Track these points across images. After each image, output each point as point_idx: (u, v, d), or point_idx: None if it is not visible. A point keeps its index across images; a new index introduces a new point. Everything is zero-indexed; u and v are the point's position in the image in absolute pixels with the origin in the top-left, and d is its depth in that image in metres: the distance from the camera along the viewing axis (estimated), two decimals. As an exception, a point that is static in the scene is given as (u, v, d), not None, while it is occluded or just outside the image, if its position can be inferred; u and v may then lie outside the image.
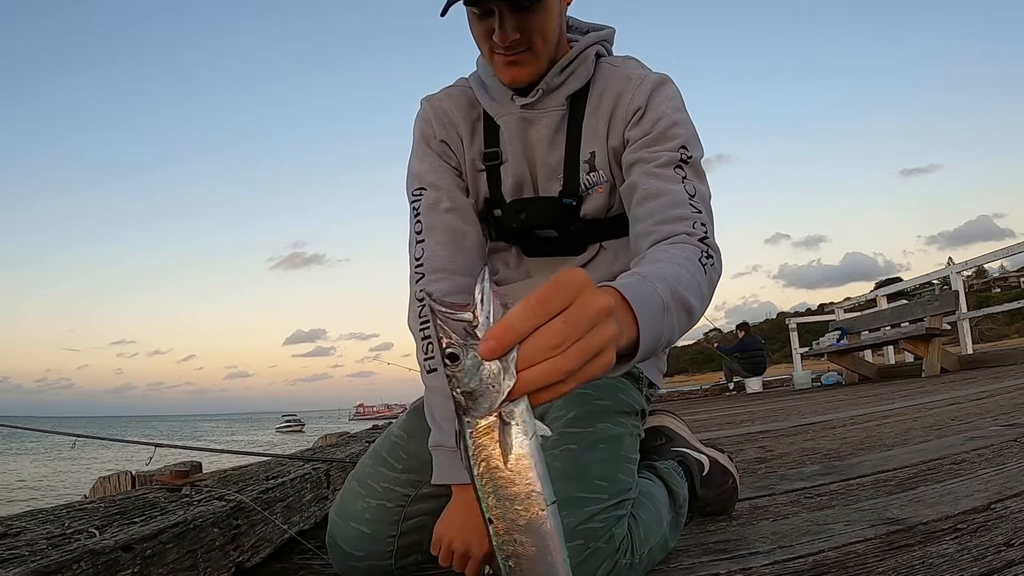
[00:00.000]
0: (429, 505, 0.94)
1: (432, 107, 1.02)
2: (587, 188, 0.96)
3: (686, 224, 0.79)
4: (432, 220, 0.97)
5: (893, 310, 6.71)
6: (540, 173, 0.97)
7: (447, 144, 1.01)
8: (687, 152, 0.87)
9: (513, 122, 0.96)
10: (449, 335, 0.43)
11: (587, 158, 0.95)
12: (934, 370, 5.32)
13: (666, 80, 0.95)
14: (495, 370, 0.42)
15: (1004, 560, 0.82)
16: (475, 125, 1.01)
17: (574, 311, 0.43)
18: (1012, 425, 1.95)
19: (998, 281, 48.69)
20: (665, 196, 0.83)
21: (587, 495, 0.79)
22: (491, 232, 1.05)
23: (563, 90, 0.95)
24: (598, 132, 0.95)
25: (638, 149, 0.90)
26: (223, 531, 0.93)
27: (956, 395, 3.21)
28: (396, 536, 0.93)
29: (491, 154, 0.99)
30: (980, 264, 14.13)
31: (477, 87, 1.00)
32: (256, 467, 1.42)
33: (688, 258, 0.72)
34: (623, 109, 0.93)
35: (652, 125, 0.90)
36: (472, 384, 0.43)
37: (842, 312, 8.14)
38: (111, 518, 0.83)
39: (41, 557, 0.63)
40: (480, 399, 0.43)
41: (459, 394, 0.43)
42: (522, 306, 0.43)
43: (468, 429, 0.44)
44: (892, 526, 1.02)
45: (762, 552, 0.96)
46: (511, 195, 0.99)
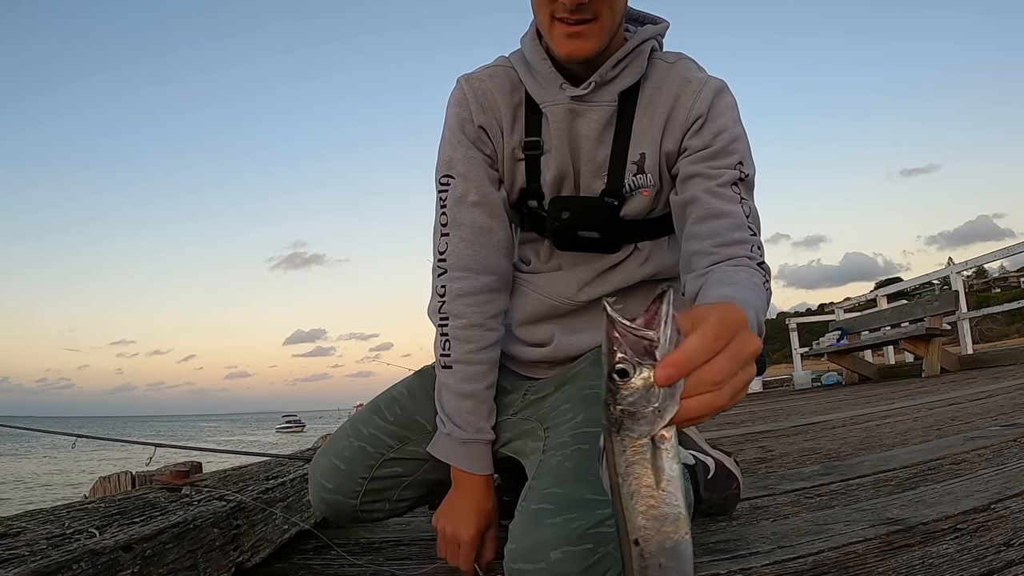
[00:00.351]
0: (409, 461, 0.98)
1: (471, 88, 0.97)
2: (631, 189, 0.94)
3: (745, 247, 0.82)
4: (459, 214, 0.95)
5: (893, 310, 6.70)
6: (584, 169, 0.94)
7: (484, 131, 0.97)
8: (744, 170, 0.87)
9: (561, 113, 0.92)
10: (625, 350, 0.43)
11: (636, 159, 0.92)
12: (934, 370, 5.31)
13: (725, 87, 0.92)
14: (663, 395, 0.42)
15: (1004, 560, 0.82)
16: (516, 111, 0.96)
17: (736, 350, 0.45)
18: (1012, 425, 1.95)
19: (998, 281, 48.70)
20: (727, 218, 0.83)
21: (598, 498, 0.78)
22: (524, 222, 1.03)
23: (616, 85, 0.91)
24: (651, 134, 0.92)
25: (698, 162, 0.88)
26: (223, 531, 0.93)
27: (956, 395, 3.20)
28: (367, 479, 0.97)
29: (532, 143, 0.95)
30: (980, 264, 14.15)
31: (522, 69, 0.95)
32: (256, 467, 1.42)
33: (757, 284, 0.75)
34: (682, 115, 0.90)
35: (713, 137, 0.88)
36: (637, 405, 0.42)
37: (842, 312, 8.14)
38: (111, 518, 0.83)
39: (41, 557, 0.63)
40: (641, 421, 0.43)
41: (618, 411, 0.43)
42: (700, 339, 0.44)
43: (621, 448, 0.43)
44: (892, 526, 1.02)
45: (762, 552, 0.96)
46: (550, 189, 0.96)
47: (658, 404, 0.42)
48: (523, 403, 1.01)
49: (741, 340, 0.46)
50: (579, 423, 0.88)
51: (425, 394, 1.01)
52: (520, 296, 1.03)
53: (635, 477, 0.43)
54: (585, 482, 0.80)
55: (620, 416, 0.43)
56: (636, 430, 0.43)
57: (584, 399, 0.91)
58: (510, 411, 1.00)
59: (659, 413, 0.42)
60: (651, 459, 0.43)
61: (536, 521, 0.76)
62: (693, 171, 0.88)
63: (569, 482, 0.80)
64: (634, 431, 0.43)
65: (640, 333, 0.43)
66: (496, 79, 0.97)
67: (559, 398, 0.95)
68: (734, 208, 0.84)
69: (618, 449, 0.43)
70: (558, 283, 1.00)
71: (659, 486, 0.43)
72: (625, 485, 0.43)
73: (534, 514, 0.77)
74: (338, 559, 1.11)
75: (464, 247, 0.95)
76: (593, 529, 0.75)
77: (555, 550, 0.73)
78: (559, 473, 0.81)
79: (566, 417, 0.90)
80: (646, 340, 0.43)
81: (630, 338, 0.43)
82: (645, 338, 0.43)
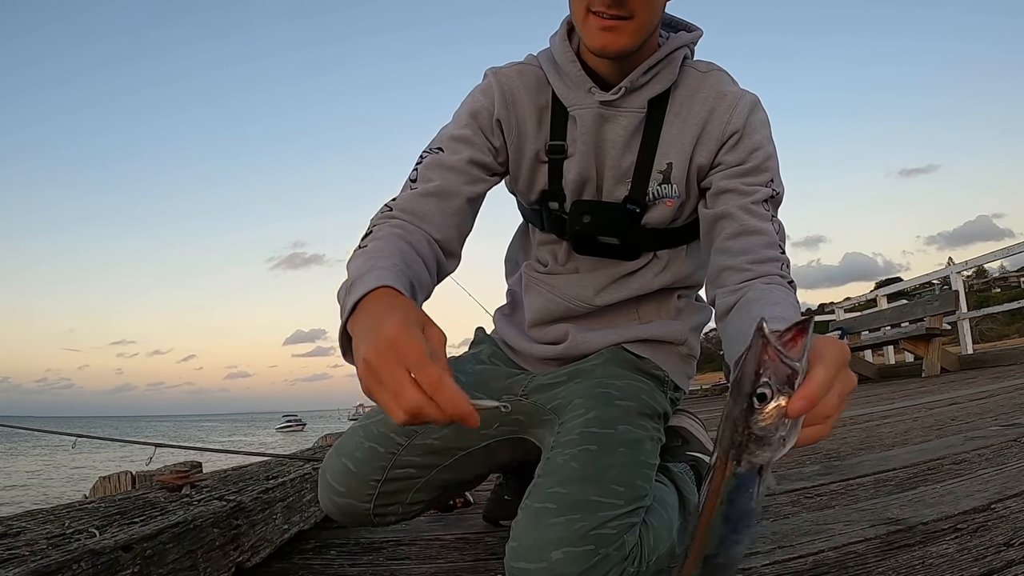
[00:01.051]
0: (420, 459, 0.95)
1: (499, 82, 0.94)
2: (654, 198, 0.92)
3: (776, 265, 0.83)
4: (430, 172, 0.90)
5: (893, 310, 6.70)
6: (608, 175, 0.93)
7: (500, 125, 0.94)
8: (775, 188, 0.88)
9: (590, 117, 0.90)
10: (771, 375, 0.43)
11: (662, 168, 0.91)
12: (934, 370, 5.31)
13: (758, 103, 0.91)
14: (790, 424, 0.43)
15: (1004, 560, 0.82)
16: (542, 113, 0.94)
17: (843, 388, 0.49)
18: (1012, 425, 1.95)
19: (998, 281, 48.71)
20: (760, 235, 0.84)
21: (603, 499, 0.78)
22: (543, 223, 1.02)
23: (646, 91, 0.89)
24: (682, 144, 0.90)
25: (732, 177, 0.88)
26: (223, 531, 0.93)
27: (956, 395, 3.20)
28: (380, 481, 0.93)
29: (556, 147, 0.93)
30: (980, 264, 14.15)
31: (550, 69, 0.93)
32: (256, 467, 1.42)
33: (794, 304, 0.77)
34: (718, 129, 0.89)
35: (749, 154, 0.88)
36: (768, 430, 0.43)
37: (842, 312, 8.14)
38: (111, 518, 0.83)
39: (41, 557, 0.63)
40: (766, 447, 0.43)
41: (747, 434, 0.43)
42: (825, 374, 0.46)
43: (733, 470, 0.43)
44: (892, 526, 1.02)
45: (762, 552, 0.96)
46: (572, 192, 0.94)
47: (785, 432, 0.43)
48: (531, 385, 0.99)
49: (846, 377, 0.49)
50: (589, 421, 0.87)
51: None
52: (535, 296, 1.03)
53: (735, 504, 0.43)
54: (590, 483, 0.80)
55: (746, 439, 0.43)
56: (760, 455, 0.43)
57: (596, 397, 0.90)
58: (518, 390, 0.99)
59: (783, 442, 0.43)
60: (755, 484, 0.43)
61: (539, 520, 0.76)
62: (727, 186, 0.88)
63: (574, 482, 0.79)
64: (757, 456, 0.43)
65: (788, 361, 0.43)
66: (524, 77, 0.95)
67: (572, 391, 0.94)
68: (766, 226, 0.85)
69: (730, 472, 0.43)
70: (574, 286, 1.00)
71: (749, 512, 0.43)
72: (723, 508, 0.43)
73: (537, 513, 0.77)
74: (338, 559, 1.11)
75: (422, 195, 0.87)
76: (595, 530, 0.75)
77: (556, 550, 0.73)
78: (564, 473, 0.81)
79: (577, 413, 0.89)
80: (791, 368, 0.43)
81: (779, 364, 0.43)
82: (791, 367, 0.43)
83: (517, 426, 0.97)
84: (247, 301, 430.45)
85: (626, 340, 0.98)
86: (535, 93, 0.94)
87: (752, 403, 0.42)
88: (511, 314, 1.11)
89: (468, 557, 1.08)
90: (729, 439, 0.43)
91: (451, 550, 1.08)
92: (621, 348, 0.98)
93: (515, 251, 1.13)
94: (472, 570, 1.02)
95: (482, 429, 0.96)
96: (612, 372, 0.94)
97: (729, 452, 0.43)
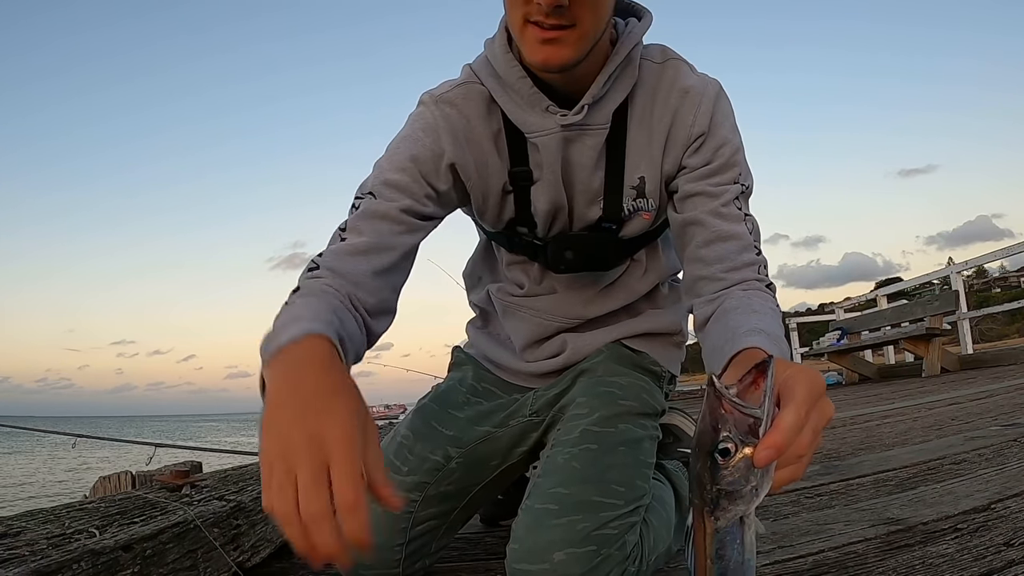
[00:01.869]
0: (436, 509, 0.92)
1: (445, 117, 0.82)
2: (630, 213, 0.87)
3: (752, 270, 0.79)
4: (362, 223, 0.78)
5: (893, 310, 6.70)
6: (579, 198, 0.86)
7: (455, 169, 0.82)
8: (744, 181, 0.83)
9: (553, 143, 0.81)
10: (729, 427, 0.42)
11: (634, 183, 0.85)
12: (934, 370, 5.31)
13: (720, 91, 0.84)
14: (760, 473, 0.41)
15: (1004, 560, 0.82)
16: (497, 139, 0.84)
17: (817, 423, 0.46)
18: (1012, 425, 1.95)
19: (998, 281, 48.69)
20: (734, 240, 0.80)
21: (604, 500, 0.78)
22: (510, 245, 0.96)
23: (608, 102, 0.81)
24: (650, 155, 0.84)
25: (699, 180, 0.82)
26: (223, 531, 0.93)
27: (956, 395, 3.20)
28: (404, 544, 0.89)
29: (521, 173, 0.84)
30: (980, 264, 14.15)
31: (495, 87, 0.82)
32: (256, 467, 1.42)
33: (773, 309, 0.74)
34: (683, 132, 0.82)
35: (714, 153, 0.82)
36: (737, 484, 0.41)
37: (842, 312, 8.14)
38: (111, 518, 0.83)
39: (41, 557, 0.63)
40: (739, 501, 0.42)
41: (715, 490, 0.42)
42: (794, 417, 0.43)
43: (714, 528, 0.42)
44: (892, 526, 1.02)
45: (762, 552, 0.96)
46: (543, 220, 0.88)
47: (756, 483, 0.42)
48: (539, 402, 0.96)
49: (821, 411, 0.46)
50: (591, 421, 0.86)
51: (430, 429, 0.95)
52: (519, 322, 0.99)
53: (725, 560, 0.42)
54: (591, 483, 0.79)
55: (717, 496, 0.42)
56: (732, 510, 0.42)
57: (599, 396, 0.89)
58: (527, 412, 0.96)
59: (756, 492, 0.42)
60: (740, 536, 0.42)
61: (540, 521, 0.76)
62: (695, 189, 0.82)
63: (575, 483, 0.79)
64: (730, 511, 0.42)
65: (747, 411, 0.42)
66: (472, 102, 0.83)
67: (575, 392, 0.93)
68: (739, 228, 0.80)
69: (711, 530, 0.42)
70: (562, 305, 0.96)
71: (743, 563, 0.42)
72: (717, 568, 0.42)
73: (538, 514, 0.77)
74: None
75: (350, 253, 0.75)
76: (597, 531, 0.75)
77: (559, 551, 0.73)
78: (566, 472, 0.81)
79: (580, 412, 0.88)
80: (752, 418, 0.42)
81: (736, 415, 0.42)
82: (752, 416, 0.42)
83: (536, 444, 0.95)
84: (247, 301, 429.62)
85: (623, 336, 0.97)
86: (486, 117, 0.84)
87: (715, 459, 0.41)
88: (486, 326, 1.07)
89: (468, 557, 1.08)
90: (700, 498, 0.43)
91: (451, 550, 1.07)
92: (619, 344, 0.97)
93: (478, 268, 1.08)
94: (472, 570, 1.02)
95: (494, 460, 0.95)
96: (613, 370, 0.93)
97: (703, 511, 0.43)
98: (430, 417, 0.96)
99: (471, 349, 1.10)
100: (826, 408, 0.47)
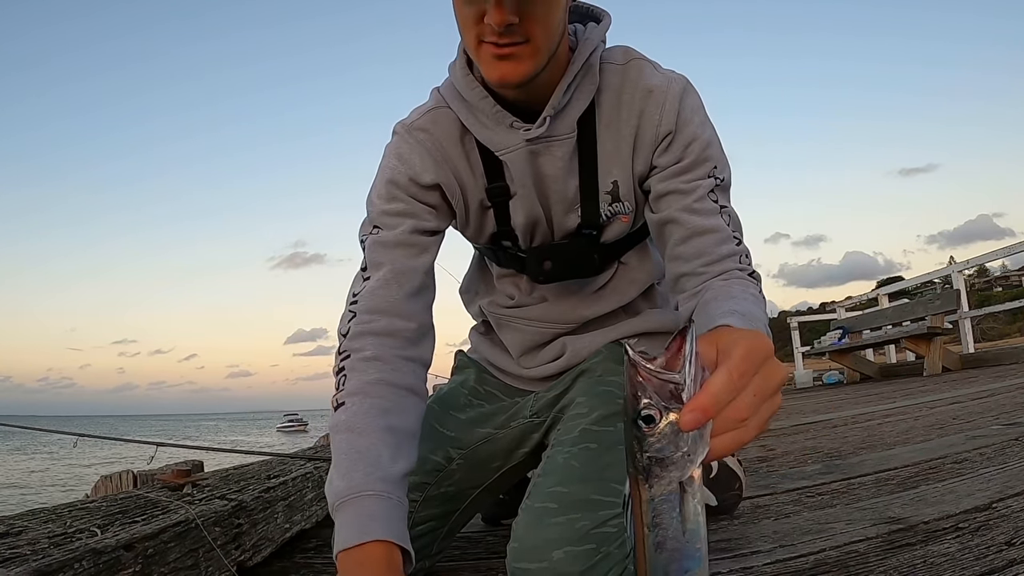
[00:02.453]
0: (437, 510, 0.92)
1: (419, 143, 0.85)
2: (608, 217, 0.88)
3: (733, 260, 0.79)
4: (378, 255, 0.83)
5: (895, 309, 6.69)
6: (555, 208, 0.87)
7: (441, 188, 0.86)
8: (718, 174, 0.83)
9: (521, 158, 0.83)
10: (649, 394, 0.41)
11: (608, 188, 0.86)
12: (935, 369, 5.31)
13: (687, 86, 0.84)
14: (691, 438, 0.41)
15: (1006, 559, 0.82)
16: (470, 156, 0.86)
17: (760, 384, 0.44)
18: (1013, 424, 1.95)
19: (1000, 280, 48.61)
20: (711, 234, 0.79)
21: (603, 498, 0.78)
22: (499, 259, 0.97)
23: (572, 111, 0.82)
24: (620, 158, 0.85)
25: (670, 178, 0.82)
26: (224, 530, 0.93)
27: (957, 394, 3.20)
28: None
29: (497, 189, 0.86)
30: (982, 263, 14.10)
31: (461, 109, 0.84)
32: (257, 466, 1.42)
33: (755, 295, 0.74)
34: (650, 133, 0.83)
35: (684, 150, 0.82)
36: (666, 451, 0.41)
37: (843, 311, 8.13)
38: (113, 517, 0.83)
39: (43, 556, 0.63)
40: (671, 467, 0.41)
41: (646, 458, 0.41)
42: (726, 377, 0.43)
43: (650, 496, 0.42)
44: (893, 525, 1.02)
45: (763, 551, 0.96)
46: (523, 232, 0.89)
47: (687, 448, 0.41)
48: (539, 404, 0.97)
49: (767, 373, 0.45)
50: (591, 420, 0.87)
51: (431, 430, 0.94)
52: (514, 332, 1.00)
53: (663, 528, 0.42)
54: (590, 482, 0.80)
55: (648, 464, 0.41)
56: (666, 476, 0.41)
57: (599, 395, 0.89)
58: (527, 413, 0.97)
59: (689, 457, 0.41)
60: (679, 505, 0.41)
61: (540, 520, 0.76)
62: (667, 188, 0.82)
63: (575, 481, 0.79)
64: (664, 478, 0.41)
65: (665, 376, 0.41)
66: (442, 126, 0.86)
67: (574, 392, 0.93)
68: (716, 222, 0.80)
69: (646, 498, 0.42)
70: (554, 312, 0.97)
71: (685, 533, 0.42)
72: (653, 535, 0.42)
73: (538, 513, 0.77)
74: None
75: (379, 286, 0.81)
76: (597, 529, 0.75)
77: (558, 550, 0.73)
78: (565, 472, 0.81)
79: (579, 411, 0.89)
80: (671, 383, 0.41)
81: (655, 382, 0.41)
82: (670, 381, 0.41)
83: (537, 446, 0.96)
84: (248, 301, 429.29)
85: (622, 336, 0.97)
86: (458, 141, 0.86)
87: (640, 427, 0.41)
88: (488, 332, 1.08)
89: (470, 556, 1.08)
90: (633, 467, 0.42)
91: (452, 549, 1.07)
92: (618, 344, 0.97)
93: (474, 283, 1.09)
94: (473, 569, 1.02)
95: (495, 461, 0.96)
96: (612, 369, 0.93)
97: (637, 479, 0.42)
98: (431, 418, 0.97)
99: (474, 353, 1.11)
100: (773, 372, 0.45)
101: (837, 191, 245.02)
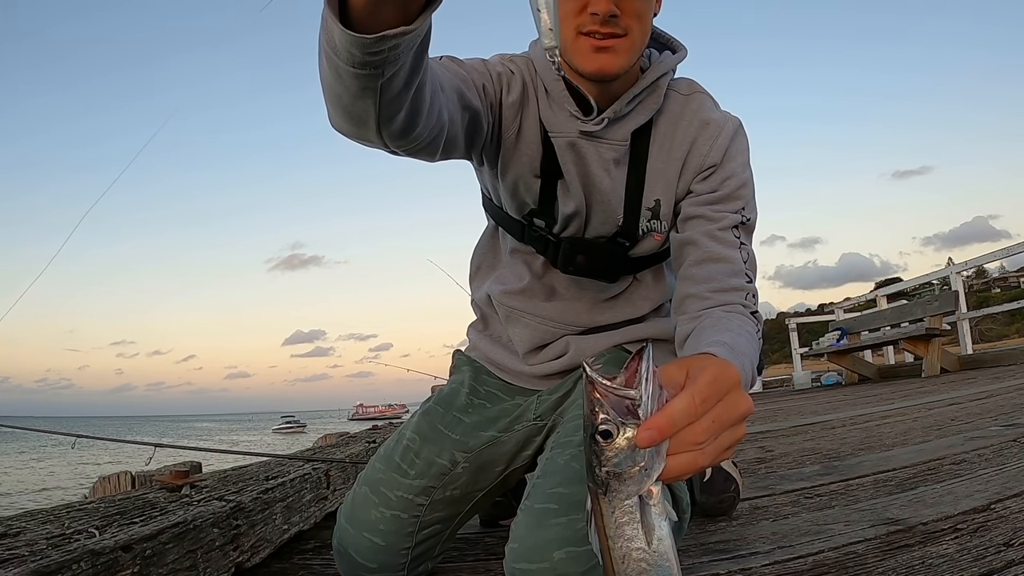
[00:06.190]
0: (443, 513, 0.93)
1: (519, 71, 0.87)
2: (644, 233, 0.91)
3: (740, 295, 0.81)
4: (453, 62, 0.81)
5: (893, 310, 6.70)
6: (596, 209, 0.90)
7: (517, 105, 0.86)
8: (746, 215, 0.86)
9: (565, 144, 0.86)
10: (607, 410, 0.42)
11: (651, 205, 0.89)
12: (934, 370, 5.31)
13: (740, 129, 0.89)
14: (648, 454, 0.42)
15: (1004, 560, 0.82)
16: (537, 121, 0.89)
17: (721, 413, 0.45)
18: (1012, 425, 1.95)
19: (998, 281, 48.71)
20: (725, 263, 0.82)
21: None
22: (523, 235, 0.97)
23: (629, 122, 0.86)
24: (667, 179, 0.88)
25: (701, 204, 0.86)
26: (223, 531, 0.93)
27: (956, 395, 3.20)
28: (411, 547, 0.91)
29: (552, 169, 0.88)
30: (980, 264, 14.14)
31: (538, 81, 0.88)
32: (256, 467, 1.42)
33: (750, 333, 0.75)
34: (697, 160, 0.87)
35: (721, 183, 0.86)
36: (623, 465, 0.42)
37: (842, 312, 8.14)
38: (111, 518, 0.83)
39: (41, 557, 0.63)
40: (628, 481, 0.42)
41: (604, 472, 0.42)
42: (686, 402, 0.44)
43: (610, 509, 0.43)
44: (892, 526, 1.02)
45: (762, 552, 0.96)
46: (561, 224, 0.91)
47: (644, 463, 0.42)
48: (543, 407, 0.98)
49: (729, 403, 0.46)
50: None
51: (436, 433, 0.96)
52: (524, 328, 1.00)
53: (625, 539, 0.42)
54: None
55: (606, 477, 0.42)
56: (623, 490, 0.42)
57: None
58: (531, 416, 0.98)
59: (645, 472, 0.42)
60: (640, 518, 0.42)
61: (540, 521, 0.76)
62: (695, 212, 0.86)
63: (575, 483, 0.79)
64: (621, 491, 0.42)
65: (621, 393, 0.43)
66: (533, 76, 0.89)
67: (576, 394, 0.94)
68: (733, 253, 0.83)
69: (607, 511, 0.43)
70: (563, 312, 0.98)
71: (650, 546, 0.42)
72: (616, 548, 0.43)
73: (538, 514, 0.77)
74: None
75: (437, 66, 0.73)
76: None
77: (559, 550, 0.73)
78: (565, 473, 0.81)
79: (579, 413, 0.89)
80: (628, 400, 0.43)
81: (612, 398, 0.43)
82: (627, 397, 0.43)
83: (540, 448, 0.96)
84: (246, 302, 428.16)
85: (626, 341, 0.98)
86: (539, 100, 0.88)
87: (597, 441, 0.42)
88: (486, 329, 1.09)
89: (468, 558, 1.08)
90: (592, 480, 0.43)
91: (451, 550, 1.07)
92: (622, 348, 0.98)
93: (483, 257, 1.09)
94: (472, 570, 1.02)
95: (500, 464, 0.97)
96: (614, 372, 0.94)
97: (597, 493, 0.43)
98: (435, 420, 0.98)
99: (472, 352, 1.11)
100: (737, 402, 0.46)
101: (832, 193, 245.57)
